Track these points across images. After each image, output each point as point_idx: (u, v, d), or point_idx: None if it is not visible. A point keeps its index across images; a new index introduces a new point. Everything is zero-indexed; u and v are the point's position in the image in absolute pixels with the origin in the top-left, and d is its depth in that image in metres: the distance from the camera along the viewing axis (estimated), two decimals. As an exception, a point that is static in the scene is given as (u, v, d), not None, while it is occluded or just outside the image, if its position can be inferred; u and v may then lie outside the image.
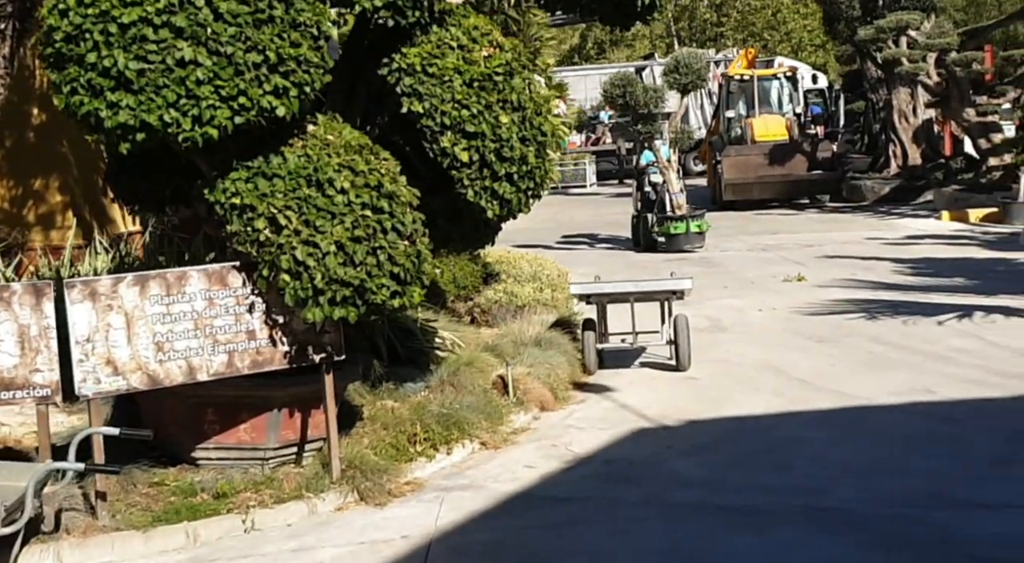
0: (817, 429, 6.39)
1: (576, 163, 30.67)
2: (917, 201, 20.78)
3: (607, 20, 6.97)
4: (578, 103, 35.75)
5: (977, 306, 9.87)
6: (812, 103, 28.03)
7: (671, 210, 15.51)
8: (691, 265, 14.30)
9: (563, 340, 8.07)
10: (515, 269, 11.06)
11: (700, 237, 15.43)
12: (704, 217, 15.64)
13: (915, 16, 19.10)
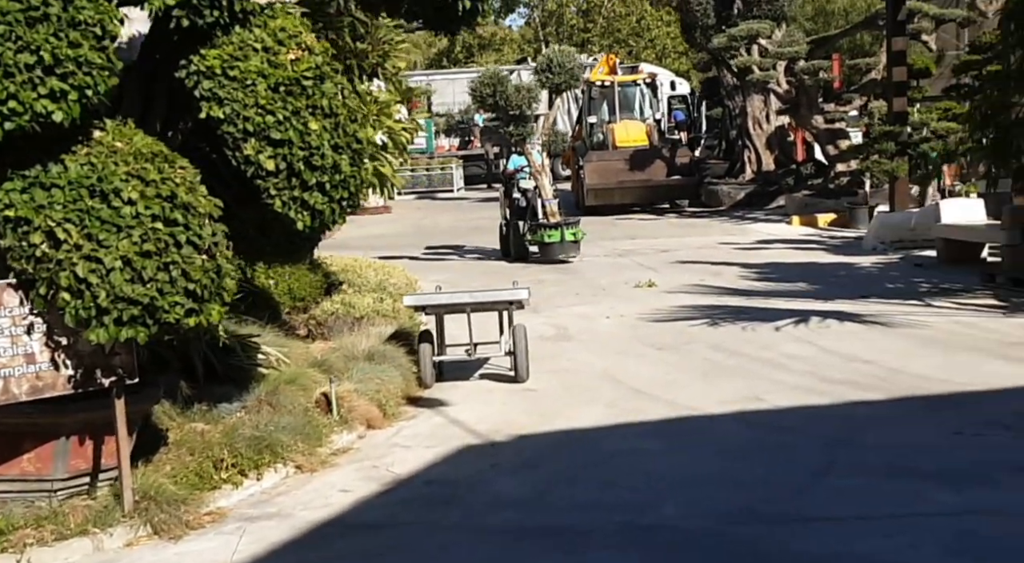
0: (647, 441, 6.29)
1: (443, 167, 30.43)
2: (770, 206, 21.30)
3: (430, 25, 6.77)
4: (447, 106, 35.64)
5: (814, 311, 10.02)
6: (675, 109, 28.54)
7: (544, 217, 15.02)
8: (547, 271, 14.25)
9: (399, 353, 7.81)
10: (360, 278, 10.77)
11: (575, 246, 14.97)
12: (579, 225, 15.18)
13: (765, 25, 19.53)
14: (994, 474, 5.24)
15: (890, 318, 9.54)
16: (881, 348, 8.35)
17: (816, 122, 19.77)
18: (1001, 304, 9.98)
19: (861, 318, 9.62)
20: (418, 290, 11.51)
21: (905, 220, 14.98)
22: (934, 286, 11.32)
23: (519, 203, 15.61)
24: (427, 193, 30.22)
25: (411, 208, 26.90)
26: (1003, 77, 11.00)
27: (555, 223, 14.85)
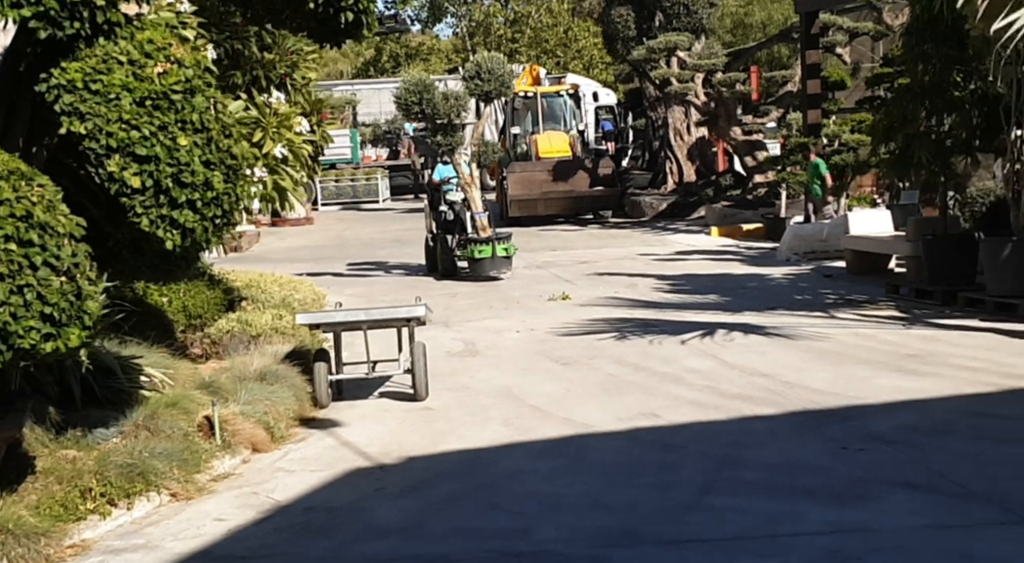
0: (537, 461, 6.20)
1: (368, 178, 30.18)
2: (692, 217, 21.46)
3: (315, 36, 6.62)
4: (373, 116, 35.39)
5: (721, 324, 10.05)
6: (604, 119, 28.67)
7: (474, 231, 14.36)
8: (463, 284, 14.15)
9: (293, 373, 7.61)
10: (264, 294, 10.55)
11: (507, 261, 14.34)
12: (511, 239, 14.55)
13: (684, 38, 19.69)
14: (873, 491, 5.24)
15: (794, 330, 9.59)
16: (781, 361, 8.38)
17: (734, 133, 19.97)
18: (903, 316, 10.10)
19: (765, 330, 9.66)
20: (326, 306, 11.32)
21: (817, 231, 15.16)
22: (840, 297, 11.44)
23: (446, 216, 14.96)
24: (352, 204, 29.95)
25: (335, 219, 26.62)
26: (905, 90, 11.17)
27: (486, 238, 14.21)
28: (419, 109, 14.31)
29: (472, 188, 14.49)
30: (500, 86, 14.51)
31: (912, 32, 11.07)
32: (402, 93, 14.42)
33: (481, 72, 14.36)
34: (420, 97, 14.19)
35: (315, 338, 9.10)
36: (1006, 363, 7.79)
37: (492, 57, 14.71)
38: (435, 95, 14.24)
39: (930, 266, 10.87)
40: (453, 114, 14.29)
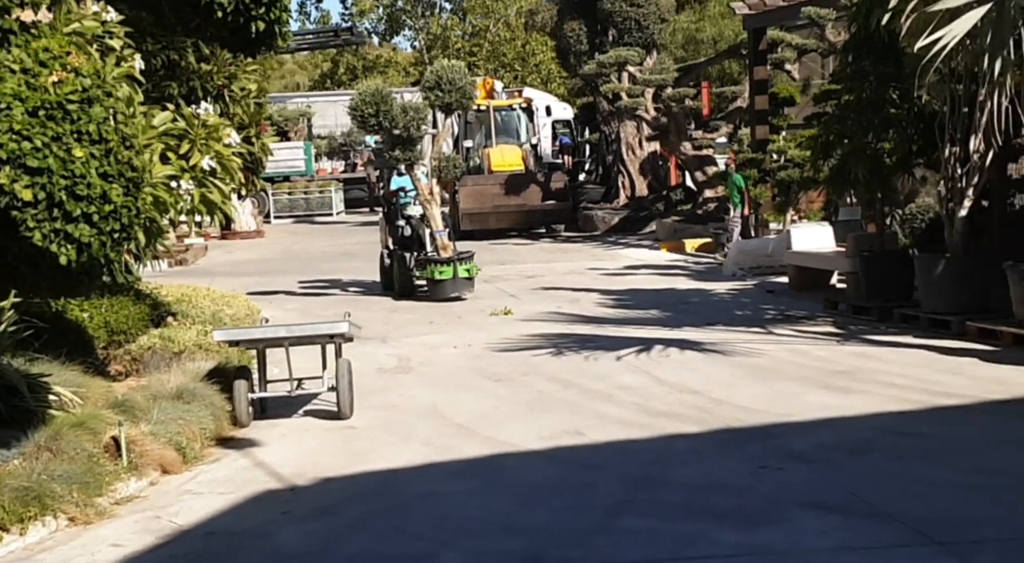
0: (452, 482, 6.06)
1: (322, 191, 29.95)
2: (643, 231, 21.47)
3: (227, 46, 6.51)
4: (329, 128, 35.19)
5: (659, 340, 9.98)
6: (561, 133, 28.68)
7: (435, 251, 13.53)
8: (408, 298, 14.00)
9: (212, 391, 7.41)
10: (196, 308, 10.33)
11: (469, 282, 13.52)
12: (473, 259, 13.66)
13: (634, 53, 19.72)
14: (785, 512, 5.16)
15: (730, 346, 9.54)
16: (712, 378, 8.31)
17: (685, 148, 20.01)
18: (838, 332, 10.09)
19: (702, 346, 9.60)
20: (260, 321, 11.13)
21: (763, 246, 15.18)
22: (779, 313, 11.42)
23: (403, 231, 14.22)
24: (305, 217, 29.71)
25: (286, 232, 26.38)
26: (843, 108, 11.20)
27: (447, 258, 13.37)
28: (375, 121, 13.44)
29: (432, 204, 13.68)
30: (461, 97, 13.72)
31: (850, 50, 11.11)
32: (357, 103, 13.50)
33: (441, 82, 13.56)
34: (376, 108, 13.31)
35: (243, 355, 8.91)
36: (933, 380, 7.77)
37: (452, 66, 13.86)
38: (392, 106, 13.39)
39: (867, 282, 10.88)
40: (412, 126, 13.43)
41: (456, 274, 13.32)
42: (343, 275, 16.92)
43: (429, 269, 13.37)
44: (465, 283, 13.45)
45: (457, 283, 13.37)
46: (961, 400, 7.18)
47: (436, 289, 13.40)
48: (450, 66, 13.82)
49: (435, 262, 13.36)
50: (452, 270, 13.31)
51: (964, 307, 9.54)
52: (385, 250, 14.71)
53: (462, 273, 13.38)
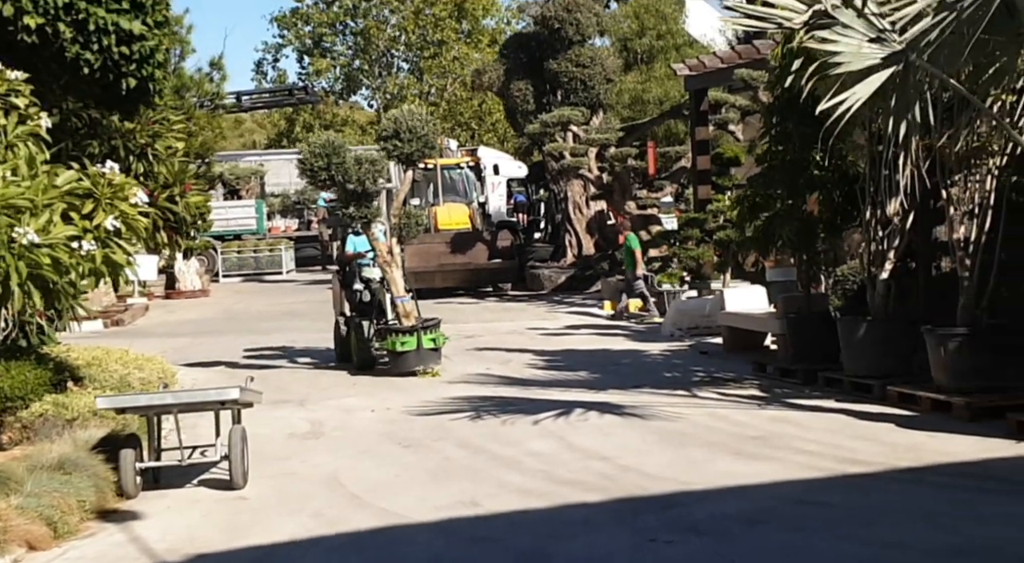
0: (334, 557, 5.81)
1: (272, 249, 29.71)
2: (589, 290, 21.37)
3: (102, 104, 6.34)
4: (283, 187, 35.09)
5: (581, 403, 9.78)
6: (516, 191, 28.71)
7: (396, 319, 12.25)
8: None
9: (98, 461, 7.11)
10: (105, 372, 10.02)
11: (435, 354, 12.07)
12: (440, 327, 12.23)
13: (578, 112, 19.79)
14: (664, 590, 4.94)
15: (650, 410, 9.36)
16: (625, 443, 8.11)
17: (629, 208, 20.01)
18: (763, 395, 9.94)
19: (622, 410, 9.42)
20: (176, 386, 10.83)
21: (700, 306, 15.09)
22: (708, 375, 11.27)
23: (361, 296, 12.98)
24: (255, 275, 29.43)
25: (233, 291, 26.06)
26: (768, 169, 11.18)
27: (410, 327, 11.97)
28: (327, 175, 12.08)
29: (392, 266, 12.34)
30: (423, 147, 12.33)
31: (774, 111, 11.13)
32: (307, 156, 12.23)
33: (400, 131, 12.18)
34: (328, 161, 11.98)
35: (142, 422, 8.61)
36: (847, 447, 7.62)
37: (412, 113, 12.50)
38: (346, 158, 12.07)
39: (794, 345, 10.77)
40: (367, 180, 12.16)
41: (420, 345, 11.87)
42: (283, 335, 16.61)
43: (390, 340, 11.92)
44: (430, 355, 12.00)
45: (422, 355, 11.91)
46: (871, 468, 7.02)
47: (398, 362, 11.95)
48: (410, 113, 12.46)
49: (396, 332, 11.95)
50: (416, 340, 11.85)
51: (886, 371, 9.43)
52: (341, 317, 13.30)
53: (427, 344, 11.92)
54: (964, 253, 9.03)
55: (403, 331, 11.93)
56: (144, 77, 5.85)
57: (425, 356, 11.93)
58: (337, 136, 12.64)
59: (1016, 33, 7.69)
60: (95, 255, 8.98)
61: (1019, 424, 7.48)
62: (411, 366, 11.88)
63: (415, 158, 12.47)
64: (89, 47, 5.88)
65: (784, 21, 7.84)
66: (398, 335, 11.90)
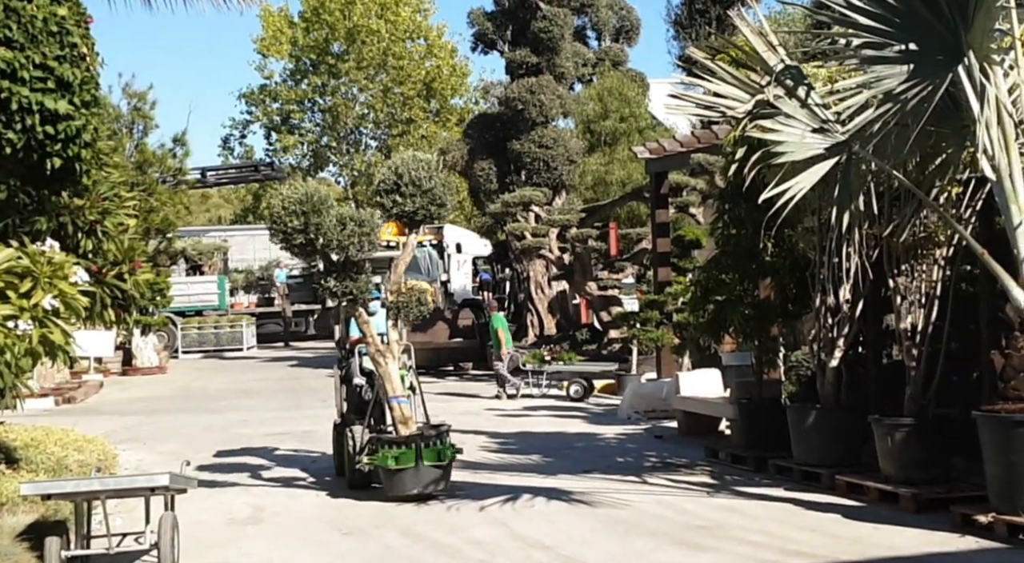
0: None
1: (233, 325, 29.46)
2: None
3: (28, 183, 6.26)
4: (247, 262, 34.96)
5: (529, 488, 9.62)
6: (482, 270, 28.75)
7: (391, 424, 9.68)
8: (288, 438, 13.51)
9: (21, 549, 6.88)
10: (42, 453, 9.77)
11: (440, 474, 9.32)
12: (448, 435, 9.61)
13: (539, 193, 19.94)
14: None
15: (599, 496, 9.22)
16: (569, 532, 7.95)
17: (590, 288, 20.05)
18: (713, 482, 9.82)
19: (570, 496, 9.26)
20: (118, 469, 10.58)
21: (657, 390, 15.01)
22: (660, 461, 11.14)
23: (363, 392, 10.64)
24: (215, 352, 29.12)
25: (191, 368, 25.73)
26: (719, 255, 11.23)
27: (406, 437, 9.32)
28: (303, 238, 9.42)
29: (387, 357, 9.61)
30: (430, 203, 9.67)
31: (726, 197, 11.22)
32: (279, 213, 9.47)
33: (401, 184, 9.62)
34: (305, 221, 9.38)
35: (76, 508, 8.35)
36: (790, 538, 7.49)
37: (418, 161, 9.77)
38: (326, 217, 9.47)
39: (745, 431, 10.71)
40: (353, 247, 9.53)
41: (420, 460, 9.20)
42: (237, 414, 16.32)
43: (381, 453, 9.25)
44: (433, 474, 9.27)
45: (421, 474, 9.21)
46: (813, 560, 6.90)
47: (392, 482, 9.32)
48: (414, 160, 9.78)
49: (389, 443, 9.36)
50: (413, 455, 9.20)
51: (836, 459, 9.35)
52: (338, 419, 10.92)
53: (429, 459, 9.23)
54: (911, 343, 9.05)
55: (397, 442, 9.36)
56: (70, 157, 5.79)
57: (425, 475, 9.25)
58: (320, 188, 9.80)
59: (961, 125, 7.83)
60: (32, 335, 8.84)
61: (963, 517, 7.41)
62: (407, 488, 9.26)
63: (419, 218, 9.78)
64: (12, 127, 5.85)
65: (728, 110, 7.95)
66: (391, 447, 9.29)
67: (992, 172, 7.16)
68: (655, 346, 17.31)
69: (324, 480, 10.64)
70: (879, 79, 7.45)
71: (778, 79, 7.95)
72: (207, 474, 10.85)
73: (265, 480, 10.81)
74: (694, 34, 28.93)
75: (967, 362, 9.05)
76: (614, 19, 25.29)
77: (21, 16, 6.48)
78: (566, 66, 23.86)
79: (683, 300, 16.66)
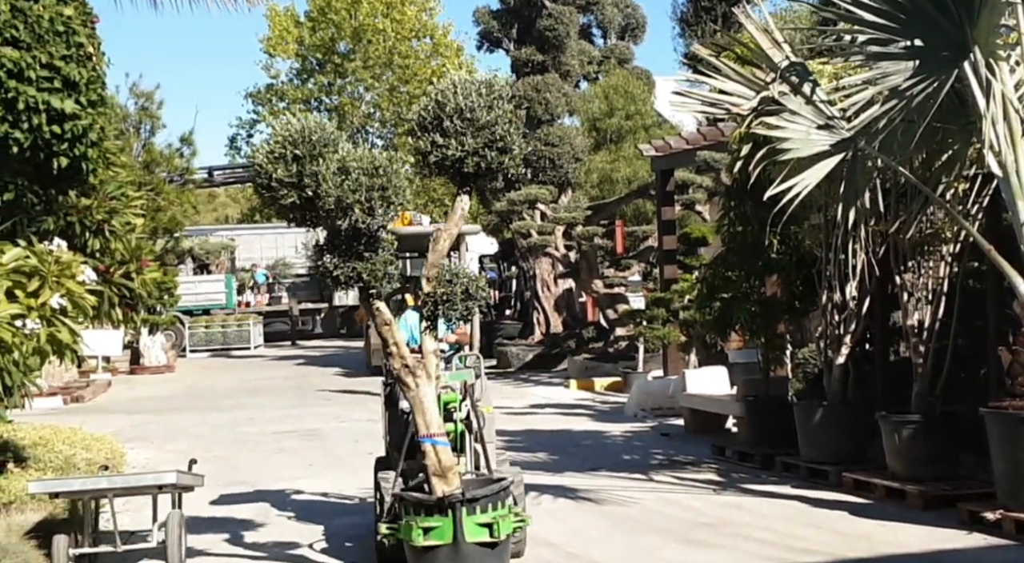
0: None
1: (240, 324, 29.52)
2: (556, 368, 21.24)
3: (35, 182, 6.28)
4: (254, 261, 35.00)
5: (537, 485, 9.59)
6: (489, 268, 28.73)
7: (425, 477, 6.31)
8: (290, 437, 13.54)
9: (29, 548, 6.89)
10: (50, 453, 9.80)
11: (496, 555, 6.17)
12: (508, 495, 6.37)
13: (544, 191, 19.92)
14: None
15: (605, 494, 9.22)
16: (576, 529, 7.96)
17: (596, 286, 20.03)
18: (719, 480, 9.81)
19: (577, 494, 9.27)
20: (125, 468, 10.61)
21: (664, 387, 15.00)
22: (667, 458, 11.14)
23: (407, 417, 6.79)
24: (222, 350, 29.18)
25: (199, 367, 25.78)
26: (725, 252, 11.22)
27: (440, 498, 6.12)
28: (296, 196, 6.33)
29: (419, 378, 6.33)
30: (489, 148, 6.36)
31: (732, 194, 11.21)
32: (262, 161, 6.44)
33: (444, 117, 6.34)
34: (298, 170, 6.31)
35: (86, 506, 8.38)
36: (798, 535, 7.49)
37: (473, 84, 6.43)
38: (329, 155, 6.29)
39: (752, 428, 10.69)
40: (360, 208, 6.16)
41: (459, 535, 6.03)
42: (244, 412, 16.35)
43: (405, 524, 6.20)
44: (480, 557, 6.12)
45: (462, 555, 6.06)
46: (820, 558, 6.89)
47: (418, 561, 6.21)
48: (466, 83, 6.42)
49: (416, 506, 6.21)
50: (451, 527, 6.04)
51: (842, 456, 9.34)
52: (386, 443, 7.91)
53: (473, 532, 6.08)
54: (918, 339, 9.02)
55: (427, 505, 6.16)
56: (77, 156, 5.81)
57: (471, 557, 6.09)
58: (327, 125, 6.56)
59: (967, 121, 7.80)
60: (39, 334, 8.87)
61: (971, 514, 7.39)
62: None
63: (471, 169, 6.35)
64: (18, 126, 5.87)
65: (732, 107, 7.94)
66: (417, 513, 6.16)
67: (999, 168, 7.13)
68: (662, 344, 17.29)
69: (329, 476, 10.65)
70: (885, 75, 7.42)
71: (783, 76, 7.92)
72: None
73: (269, 478, 10.82)
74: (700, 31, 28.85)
75: (974, 359, 9.03)
76: (620, 17, 25.25)
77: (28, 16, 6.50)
78: (572, 64, 23.83)
79: (689, 298, 16.64)
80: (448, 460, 6.32)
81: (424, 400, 6.38)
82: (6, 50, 6.33)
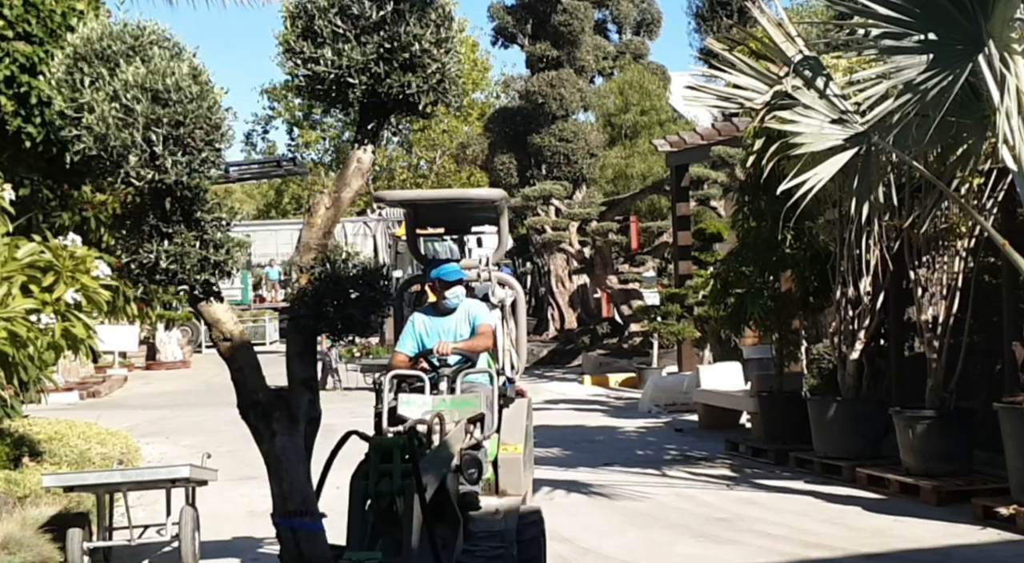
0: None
1: (256, 320, 29.62)
2: (570, 364, 21.26)
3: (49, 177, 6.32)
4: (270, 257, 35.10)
5: (550, 481, 9.63)
6: (504, 264, 28.76)
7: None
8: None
9: (44, 541, 6.92)
10: (66, 447, 9.86)
11: None
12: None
13: (559, 186, 19.92)
14: None
15: (618, 489, 9.22)
16: (589, 524, 7.96)
17: (610, 282, 20.01)
18: (732, 475, 9.80)
19: (590, 489, 9.27)
20: (140, 462, 10.67)
21: (678, 383, 14.99)
22: (680, 454, 11.13)
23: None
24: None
25: (214, 362, 25.73)
26: (740, 248, 11.19)
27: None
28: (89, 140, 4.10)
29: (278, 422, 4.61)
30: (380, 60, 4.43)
31: (746, 189, 11.18)
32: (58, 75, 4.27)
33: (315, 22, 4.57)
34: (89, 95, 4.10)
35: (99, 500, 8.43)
36: (811, 530, 7.47)
37: None
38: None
39: (765, 424, 10.67)
40: (137, 155, 4.11)
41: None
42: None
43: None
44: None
45: None
46: (833, 553, 6.88)
47: None
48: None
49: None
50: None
51: (857, 452, 9.31)
52: None
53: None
54: (933, 335, 8.98)
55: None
56: (90, 151, 5.83)
57: None
58: (158, 25, 4.53)
59: (982, 115, 7.75)
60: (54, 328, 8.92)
61: (985, 509, 7.36)
62: None
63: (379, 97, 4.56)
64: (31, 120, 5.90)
65: (745, 101, 7.90)
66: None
67: (1013, 162, 7.06)
68: (676, 339, 17.26)
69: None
70: (898, 69, 7.35)
71: (796, 70, 7.89)
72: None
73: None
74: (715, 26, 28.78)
75: (989, 354, 8.99)
76: (635, 12, 25.22)
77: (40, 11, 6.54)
78: (586, 59, 23.82)
79: (704, 293, 16.61)
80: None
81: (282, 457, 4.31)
82: (19, 45, 6.37)
